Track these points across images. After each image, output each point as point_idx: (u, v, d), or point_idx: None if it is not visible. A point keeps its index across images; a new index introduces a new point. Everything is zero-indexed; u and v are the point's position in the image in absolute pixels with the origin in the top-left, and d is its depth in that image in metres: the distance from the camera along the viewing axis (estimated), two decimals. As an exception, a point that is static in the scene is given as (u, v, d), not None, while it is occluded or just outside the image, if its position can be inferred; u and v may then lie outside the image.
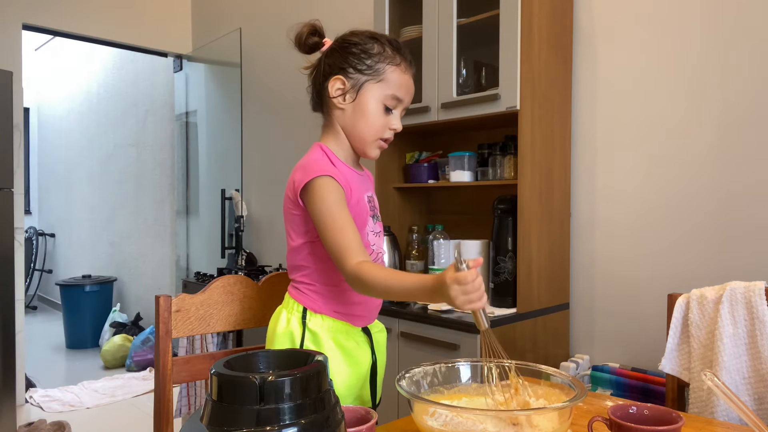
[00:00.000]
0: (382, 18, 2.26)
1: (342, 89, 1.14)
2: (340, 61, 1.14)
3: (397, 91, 1.14)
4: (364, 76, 1.13)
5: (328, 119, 1.19)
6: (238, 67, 3.70)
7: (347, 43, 1.15)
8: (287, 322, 1.16)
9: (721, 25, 1.73)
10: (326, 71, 1.16)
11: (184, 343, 2.64)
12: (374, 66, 1.13)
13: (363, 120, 1.14)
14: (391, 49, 1.14)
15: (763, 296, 1.26)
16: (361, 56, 1.13)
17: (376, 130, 1.15)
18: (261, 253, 3.53)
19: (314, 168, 1.09)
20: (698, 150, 1.78)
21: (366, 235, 1.18)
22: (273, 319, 1.21)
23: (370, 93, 1.13)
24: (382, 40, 1.15)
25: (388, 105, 1.15)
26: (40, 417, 3.01)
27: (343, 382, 1.16)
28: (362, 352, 1.19)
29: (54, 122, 6.54)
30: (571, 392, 0.91)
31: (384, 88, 1.13)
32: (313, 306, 1.16)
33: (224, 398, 0.55)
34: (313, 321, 1.16)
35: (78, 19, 3.70)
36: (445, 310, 1.89)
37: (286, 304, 1.20)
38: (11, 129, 2.52)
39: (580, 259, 2.06)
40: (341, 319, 1.17)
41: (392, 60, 1.14)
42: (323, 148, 1.17)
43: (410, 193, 2.44)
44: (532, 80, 1.85)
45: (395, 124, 1.17)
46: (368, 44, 1.14)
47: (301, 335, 1.15)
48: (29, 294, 6.59)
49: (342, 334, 1.17)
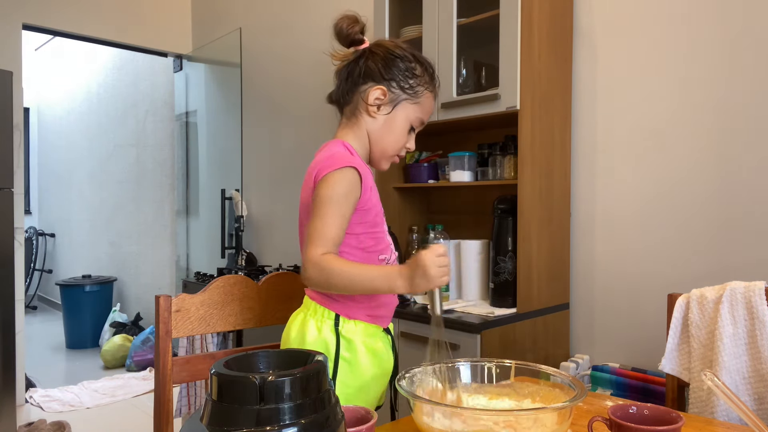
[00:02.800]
0: (382, 18, 2.26)
1: (381, 100, 1.15)
2: (385, 72, 1.15)
3: (425, 115, 1.19)
4: (405, 94, 1.16)
5: (354, 120, 1.19)
6: (238, 67, 3.70)
7: (393, 55, 1.16)
8: (318, 331, 1.13)
9: (722, 25, 1.73)
10: (366, 74, 1.15)
11: (184, 343, 2.64)
12: (415, 87, 1.16)
13: (390, 135, 1.17)
14: (428, 74, 1.18)
15: (763, 296, 1.26)
16: (406, 74, 1.15)
17: (399, 146, 1.19)
18: (261, 253, 3.53)
19: (341, 159, 1.09)
20: (698, 150, 1.78)
21: (385, 233, 1.20)
22: (298, 327, 1.16)
23: (404, 112, 1.17)
24: (424, 64, 1.18)
25: (414, 126, 1.19)
26: (40, 417, 3.01)
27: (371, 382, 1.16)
28: (387, 352, 1.20)
29: (54, 122, 6.54)
30: (571, 392, 0.91)
31: (417, 110, 1.18)
32: (347, 311, 1.13)
33: (224, 398, 0.55)
34: (346, 327, 1.13)
35: (78, 19, 3.70)
36: (444, 310, 1.89)
37: (312, 312, 1.15)
38: (11, 129, 2.52)
39: (580, 259, 2.06)
40: (372, 322, 1.16)
41: (429, 86, 1.18)
42: (345, 144, 1.16)
43: (410, 193, 2.44)
44: (532, 80, 1.85)
45: (411, 143, 1.22)
46: (412, 63, 1.16)
47: (336, 343, 1.12)
48: (29, 294, 6.59)
49: (371, 337, 1.16)
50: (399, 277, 1.02)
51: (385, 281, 1.03)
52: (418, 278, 1.01)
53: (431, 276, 1.00)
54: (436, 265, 1.00)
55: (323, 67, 3.04)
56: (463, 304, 1.98)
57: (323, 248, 1.04)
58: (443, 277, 1.01)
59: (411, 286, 1.02)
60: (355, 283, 1.03)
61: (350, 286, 1.04)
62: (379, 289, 1.05)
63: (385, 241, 1.19)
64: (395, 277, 1.03)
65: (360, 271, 1.03)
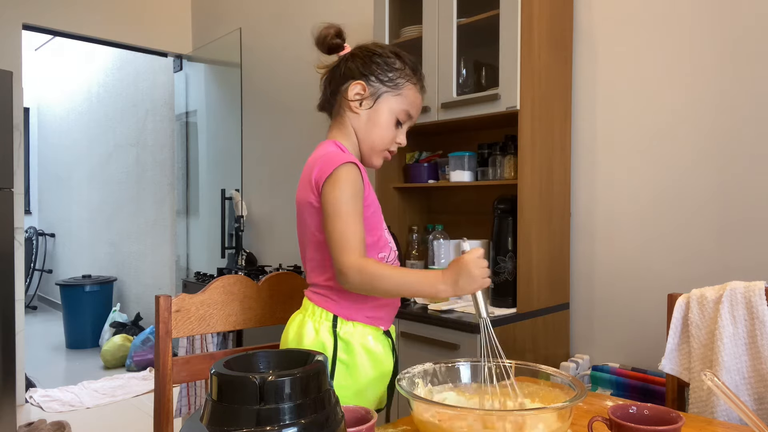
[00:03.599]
0: (382, 18, 2.26)
1: (361, 95, 1.17)
2: (363, 68, 1.17)
3: (410, 107, 1.20)
4: (385, 86, 1.17)
5: (340, 120, 1.20)
6: (238, 67, 3.70)
7: (371, 52, 1.19)
8: (316, 333, 1.13)
9: (721, 25, 1.73)
10: (346, 74, 1.18)
11: (184, 343, 2.64)
12: (395, 79, 1.18)
13: (376, 129, 1.18)
14: (410, 68, 1.20)
15: (763, 296, 1.26)
16: (384, 68, 1.17)
17: (387, 141, 1.20)
18: (261, 253, 3.53)
19: (337, 158, 1.09)
20: (698, 150, 1.78)
21: (385, 231, 1.20)
22: (296, 329, 1.16)
23: (386, 104, 1.18)
24: (404, 58, 1.20)
25: (400, 119, 1.20)
26: (40, 417, 3.01)
27: (369, 385, 1.15)
28: (386, 354, 1.19)
29: (54, 122, 6.54)
30: (571, 392, 0.91)
31: (400, 102, 1.19)
32: (346, 313, 1.13)
33: (224, 398, 0.55)
34: (344, 329, 1.13)
35: (78, 19, 3.70)
36: (445, 310, 1.89)
37: (310, 313, 1.15)
38: (11, 129, 2.52)
39: (580, 258, 2.06)
40: (371, 323, 1.16)
41: (411, 78, 1.20)
42: (337, 143, 1.17)
43: (410, 193, 2.44)
44: (532, 80, 1.85)
45: (401, 138, 1.22)
46: (391, 58, 1.18)
47: (333, 345, 1.12)
48: (29, 294, 6.59)
49: (370, 339, 1.16)
50: (442, 281, 1.03)
51: (428, 285, 1.03)
52: (462, 281, 1.01)
53: (475, 276, 1.01)
54: (479, 266, 1.02)
55: (323, 67, 3.04)
56: (463, 304, 1.98)
57: (357, 252, 1.05)
58: (486, 278, 1.03)
59: (455, 290, 1.02)
60: (400, 287, 1.04)
61: (394, 291, 1.05)
62: (422, 293, 1.05)
63: (383, 239, 1.19)
64: (438, 281, 1.03)
65: (403, 276, 1.04)
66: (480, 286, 1.02)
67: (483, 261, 1.03)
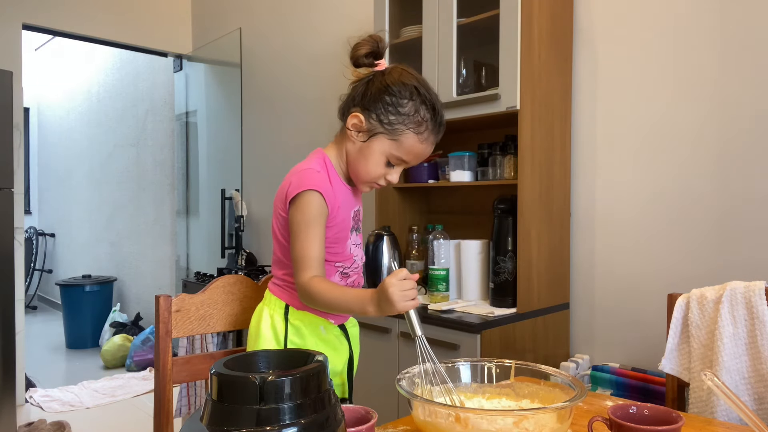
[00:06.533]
0: (382, 18, 2.26)
1: (358, 126, 1.15)
2: (370, 100, 1.13)
3: (405, 155, 1.15)
4: (382, 128, 1.12)
5: (340, 136, 1.21)
6: (238, 67, 3.70)
7: (386, 86, 1.12)
8: (270, 319, 1.20)
9: (722, 24, 1.73)
10: (355, 98, 1.16)
11: (184, 343, 2.64)
12: (395, 124, 1.12)
13: (363, 163, 1.16)
14: (423, 114, 1.12)
15: (763, 296, 1.26)
16: (389, 109, 1.11)
17: (374, 176, 1.17)
18: (261, 253, 3.53)
19: (308, 180, 1.12)
20: (698, 150, 1.78)
21: (348, 248, 1.22)
22: (255, 317, 1.24)
23: (379, 145, 1.14)
24: (423, 102, 1.12)
25: (392, 162, 1.16)
26: (40, 417, 3.01)
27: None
28: (341, 345, 1.25)
29: (54, 122, 6.54)
30: (571, 392, 0.91)
31: (394, 147, 1.14)
32: (297, 304, 1.19)
33: (224, 398, 0.55)
34: (295, 315, 1.20)
35: (78, 19, 3.70)
36: (445, 310, 1.89)
37: (267, 302, 1.24)
38: (11, 129, 2.52)
39: (580, 259, 2.06)
40: (320, 315, 1.21)
41: (416, 128, 1.12)
42: (325, 159, 1.19)
43: (410, 193, 2.44)
44: (532, 80, 1.85)
45: (392, 177, 1.18)
46: (404, 100, 1.11)
47: (284, 330, 1.19)
48: (29, 294, 6.58)
49: (322, 328, 1.22)
50: (370, 302, 1.05)
51: (358, 305, 1.07)
52: (383, 303, 1.02)
53: (394, 300, 1.00)
54: (399, 289, 1.00)
55: (323, 67, 3.04)
56: (463, 304, 1.98)
57: (310, 272, 1.11)
58: (408, 301, 1.01)
59: (379, 311, 1.04)
60: (333, 306, 1.10)
61: (333, 307, 1.11)
62: (353, 312, 1.10)
63: (346, 253, 1.22)
64: (367, 302, 1.05)
65: (341, 296, 1.09)
66: (402, 309, 1.01)
67: (407, 283, 1.00)
